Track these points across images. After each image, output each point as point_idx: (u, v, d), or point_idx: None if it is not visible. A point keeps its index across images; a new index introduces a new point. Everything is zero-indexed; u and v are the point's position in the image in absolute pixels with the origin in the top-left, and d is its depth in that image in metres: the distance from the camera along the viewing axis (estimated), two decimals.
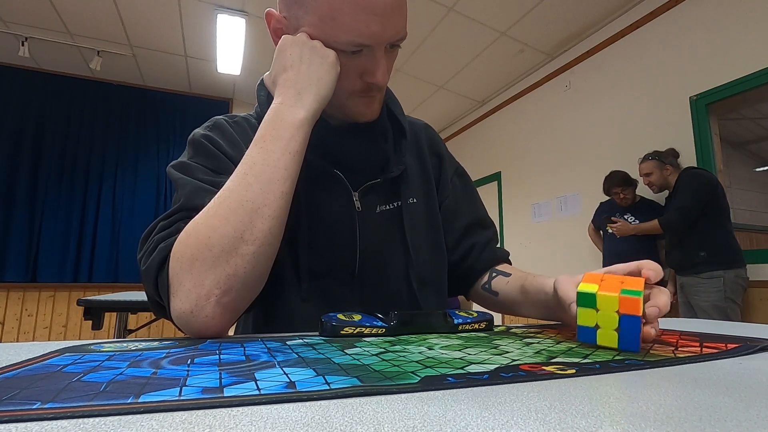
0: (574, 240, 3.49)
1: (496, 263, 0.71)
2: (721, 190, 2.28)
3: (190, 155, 0.57)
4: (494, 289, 0.67)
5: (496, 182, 4.60)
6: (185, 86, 4.73)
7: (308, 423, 0.18)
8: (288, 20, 0.56)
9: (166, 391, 0.22)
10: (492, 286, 0.68)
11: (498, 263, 0.71)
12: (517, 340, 0.42)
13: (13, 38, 3.74)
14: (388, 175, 0.63)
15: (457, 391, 0.23)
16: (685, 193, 2.30)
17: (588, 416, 0.19)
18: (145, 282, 0.47)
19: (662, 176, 2.47)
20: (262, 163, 0.48)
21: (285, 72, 0.53)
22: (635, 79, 3.08)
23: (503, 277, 0.67)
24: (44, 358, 0.31)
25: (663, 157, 2.49)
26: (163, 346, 0.37)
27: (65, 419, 0.18)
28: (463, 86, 4.43)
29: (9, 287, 3.97)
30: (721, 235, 2.23)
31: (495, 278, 0.68)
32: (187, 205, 0.50)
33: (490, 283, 0.68)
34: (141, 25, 3.59)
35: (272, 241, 0.48)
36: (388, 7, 0.50)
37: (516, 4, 3.16)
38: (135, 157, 4.56)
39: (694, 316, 2.28)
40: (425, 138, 0.74)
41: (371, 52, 0.53)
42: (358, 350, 0.36)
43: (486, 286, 0.69)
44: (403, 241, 0.63)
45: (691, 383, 0.26)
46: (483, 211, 0.76)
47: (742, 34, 2.47)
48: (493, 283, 0.68)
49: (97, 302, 1.80)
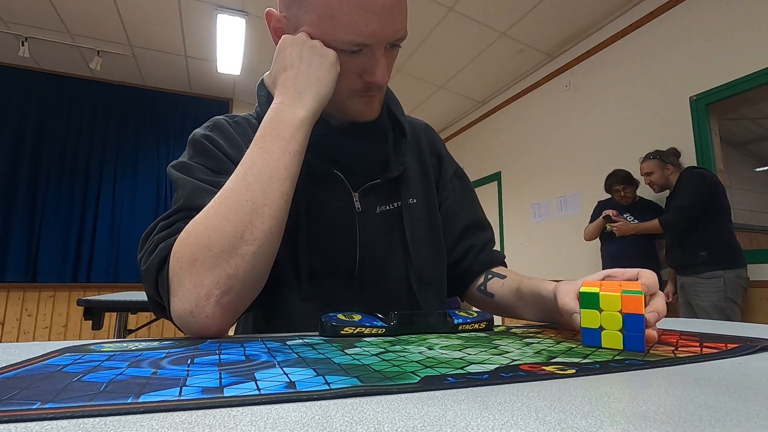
0: (574, 240, 3.49)
1: (492, 265, 0.71)
2: (722, 190, 2.28)
3: (190, 155, 0.57)
4: (490, 291, 0.67)
5: (496, 182, 4.60)
6: (185, 86, 4.73)
7: (308, 423, 0.18)
8: (288, 20, 0.56)
9: (166, 391, 0.22)
10: (487, 288, 0.68)
11: (494, 266, 0.71)
12: (517, 340, 0.42)
13: (13, 38, 3.74)
14: (389, 176, 0.63)
15: (457, 391, 0.23)
16: (686, 193, 2.30)
17: (588, 416, 0.19)
18: (145, 282, 0.47)
19: (663, 176, 2.46)
20: (262, 162, 0.48)
21: (285, 71, 0.53)
22: (635, 79, 3.08)
23: (499, 279, 0.67)
24: (44, 358, 0.31)
25: (664, 157, 2.48)
26: (163, 346, 0.37)
27: (65, 419, 0.18)
28: (463, 86, 4.43)
29: (9, 287, 3.97)
30: (721, 235, 2.23)
31: (490, 280, 0.68)
32: (187, 205, 0.50)
33: (485, 285, 0.68)
34: (141, 25, 3.59)
35: (272, 240, 0.48)
36: (387, 6, 0.50)
37: (516, 4, 3.15)
38: (135, 157, 4.56)
39: (694, 316, 2.28)
40: (425, 138, 0.74)
41: (371, 51, 0.53)
42: (358, 350, 0.36)
43: (481, 287, 0.69)
44: (403, 241, 0.63)
45: (691, 383, 0.26)
46: (481, 213, 0.76)
47: (742, 34, 2.47)
48: (489, 285, 0.68)
49: (97, 302, 1.79)
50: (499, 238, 4.47)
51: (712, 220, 2.23)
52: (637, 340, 0.37)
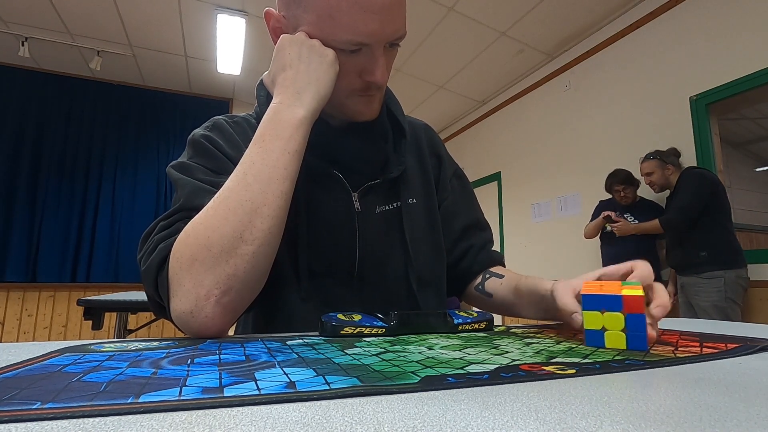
0: (574, 240, 3.49)
1: (491, 265, 0.72)
2: (723, 190, 2.28)
3: (189, 155, 0.57)
4: (488, 290, 0.68)
5: (496, 182, 4.60)
6: (185, 86, 4.73)
7: (308, 423, 0.18)
8: (287, 19, 0.56)
9: (166, 391, 0.22)
10: (485, 288, 0.68)
11: (493, 265, 0.72)
12: (517, 340, 0.42)
13: (13, 38, 3.74)
14: (388, 176, 0.63)
15: (457, 391, 0.23)
16: (686, 193, 2.30)
17: (588, 416, 0.19)
18: (145, 282, 0.47)
19: (663, 176, 2.46)
20: (261, 162, 0.48)
21: (284, 71, 0.53)
22: (635, 79, 3.08)
23: (497, 278, 0.68)
24: (44, 358, 0.31)
25: (664, 157, 2.48)
26: (163, 346, 0.37)
27: (65, 419, 0.18)
28: (463, 86, 4.43)
29: (9, 287, 3.97)
30: (721, 235, 2.23)
31: (488, 280, 0.69)
32: (187, 205, 0.50)
33: (483, 285, 0.69)
34: (141, 25, 3.59)
35: (272, 240, 0.47)
36: (386, 5, 0.50)
37: (516, 4, 3.15)
38: (135, 157, 4.56)
39: (695, 316, 2.28)
40: (425, 138, 0.75)
41: (370, 50, 0.53)
42: (358, 350, 0.36)
43: (479, 287, 0.69)
44: (402, 241, 0.63)
45: (691, 383, 0.26)
46: (480, 214, 0.77)
47: (742, 34, 2.47)
48: (487, 284, 0.68)
49: (97, 302, 1.79)
50: (499, 238, 4.46)
51: (713, 220, 2.23)
52: (640, 340, 0.38)
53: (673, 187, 2.45)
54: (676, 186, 2.41)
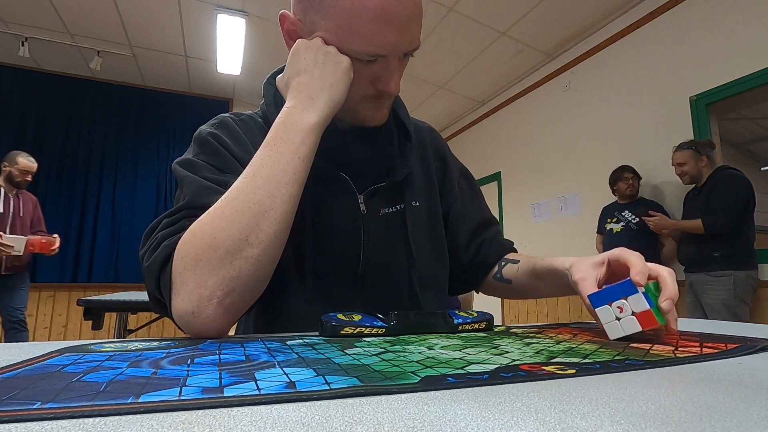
0: (574, 240, 3.49)
1: (504, 253, 0.73)
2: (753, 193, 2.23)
3: (195, 152, 0.57)
4: (506, 277, 0.69)
5: (496, 182, 4.60)
6: (185, 86, 4.73)
7: (308, 423, 0.18)
8: (303, 23, 0.55)
9: (166, 391, 0.22)
10: (504, 275, 0.70)
11: (506, 253, 0.73)
12: (517, 340, 0.42)
13: (13, 38, 3.74)
14: (394, 179, 0.63)
15: (457, 391, 0.23)
16: (730, 196, 2.21)
17: (588, 416, 0.19)
18: (147, 279, 0.47)
19: (697, 167, 2.34)
20: (271, 166, 0.48)
21: (298, 75, 0.53)
22: (635, 79, 3.08)
23: (513, 264, 0.69)
24: (44, 358, 0.31)
25: (700, 148, 2.36)
26: (163, 346, 0.37)
27: (65, 419, 0.18)
28: (463, 86, 4.43)
29: None
30: (739, 237, 2.19)
31: (505, 267, 0.70)
32: (193, 204, 0.50)
33: (501, 272, 0.70)
34: (141, 25, 3.59)
35: (277, 244, 0.47)
36: (405, 18, 0.50)
37: (516, 4, 3.15)
38: (135, 157, 4.56)
39: (702, 316, 2.27)
40: (429, 141, 0.75)
41: (386, 61, 0.53)
42: (358, 350, 0.36)
43: (498, 275, 0.71)
44: (406, 243, 0.64)
45: (691, 383, 0.26)
46: (488, 211, 0.78)
47: (742, 34, 2.47)
48: (504, 271, 0.70)
49: (97, 302, 1.80)
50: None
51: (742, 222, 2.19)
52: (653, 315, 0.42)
53: (702, 180, 2.34)
54: (710, 184, 2.29)
